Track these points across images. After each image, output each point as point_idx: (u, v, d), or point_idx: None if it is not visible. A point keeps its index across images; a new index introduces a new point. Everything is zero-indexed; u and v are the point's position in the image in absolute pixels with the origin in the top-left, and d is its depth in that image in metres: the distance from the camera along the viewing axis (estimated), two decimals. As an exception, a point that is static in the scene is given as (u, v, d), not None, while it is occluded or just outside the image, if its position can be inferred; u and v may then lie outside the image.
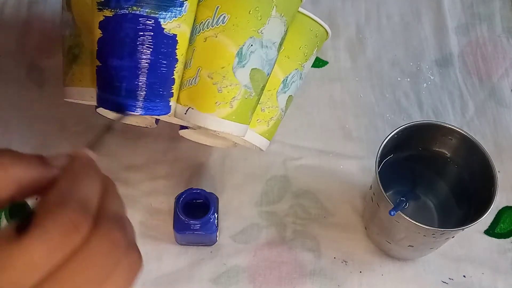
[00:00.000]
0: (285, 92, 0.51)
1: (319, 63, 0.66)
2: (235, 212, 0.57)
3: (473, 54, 0.67)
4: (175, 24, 0.43)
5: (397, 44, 0.68)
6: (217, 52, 0.45)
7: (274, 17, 0.46)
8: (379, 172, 0.47)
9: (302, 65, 0.52)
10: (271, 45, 0.47)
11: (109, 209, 0.29)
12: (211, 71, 0.45)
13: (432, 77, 0.66)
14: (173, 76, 0.45)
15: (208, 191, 0.53)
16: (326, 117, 0.63)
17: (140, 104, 0.44)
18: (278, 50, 0.48)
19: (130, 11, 0.42)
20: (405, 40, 0.68)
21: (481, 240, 0.57)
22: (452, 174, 0.53)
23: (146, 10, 0.42)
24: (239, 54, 0.45)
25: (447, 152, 0.53)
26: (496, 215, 0.58)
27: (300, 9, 0.49)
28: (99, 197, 0.29)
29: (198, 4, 0.45)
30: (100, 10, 0.43)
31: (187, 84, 0.46)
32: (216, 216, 0.53)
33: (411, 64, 0.67)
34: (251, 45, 0.45)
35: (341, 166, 0.60)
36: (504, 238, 0.57)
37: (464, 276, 0.55)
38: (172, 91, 0.46)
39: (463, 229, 0.46)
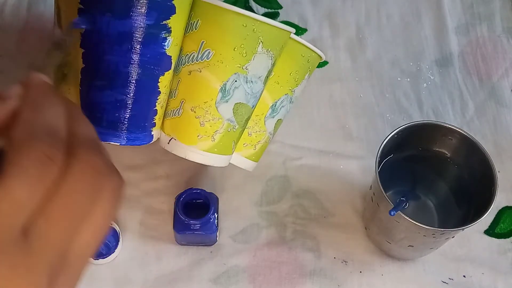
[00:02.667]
0: (273, 117, 0.51)
1: (319, 63, 0.66)
2: (235, 212, 0.57)
3: (473, 54, 0.67)
4: None
5: (397, 44, 0.68)
6: (201, 87, 0.45)
7: (260, 53, 0.45)
8: (379, 172, 0.47)
9: (292, 90, 0.51)
10: (257, 79, 0.46)
11: (80, 134, 0.28)
12: (194, 105, 0.45)
13: (432, 77, 0.66)
14: (155, 108, 0.45)
15: (208, 191, 0.53)
16: (326, 117, 0.63)
17: (121, 135, 0.44)
18: (265, 82, 0.48)
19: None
20: (405, 40, 0.68)
21: (481, 240, 0.57)
22: (452, 174, 0.53)
23: (128, 45, 0.42)
24: (223, 89, 0.45)
25: (447, 152, 0.53)
26: (496, 215, 0.58)
27: (292, 36, 0.48)
28: (67, 123, 0.28)
29: (184, 35, 0.45)
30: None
31: (171, 114, 0.46)
32: (216, 216, 0.53)
33: (411, 64, 0.67)
34: (235, 81, 0.45)
35: (341, 166, 0.60)
36: (504, 238, 0.57)
37: (464, 276, 0.55)
38: (154, 121, 0.46)
39: (463, 229, 0.46)
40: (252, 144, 0.51)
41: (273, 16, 0.69)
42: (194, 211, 0.53)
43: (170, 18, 0.43)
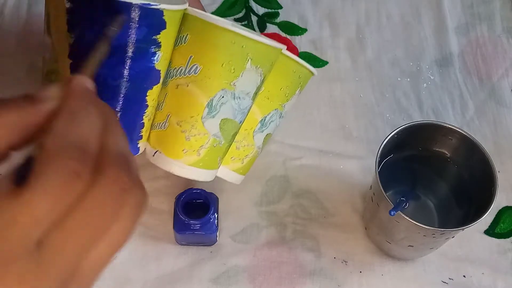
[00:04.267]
0: (262, 131, 0.51)
1: (319, 63, 0.66)
2: (235, 212, 0.57)
3: (473, 54, 0.67)
4: None
5: (397, 44, 0.68)
6: (187, 102, 0.45)
7: (248, 69, 0.45)
8: (379, 172, 0.47)
9: (283, 105, 0.51)
10: (245, 96, 0.46)
11: (111, 148, 0.28)
12: (180, 119, 0.45)
13: (432, 77, 0.66)
14: (142, 121, 0.45)
15: (208, 191, 0.53)
16: (326, 117, 0.63)
17: None
18: (254, 98, 0.47)
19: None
20: (405, 40, 0.68)
21: (481, 240, 0.57)
22: (452, 174, 0.53)
23: (117, 59, 0.41)
24: (209, 105, 0.45)
25: (447, 152, 0.53)
26: (496, 215, 0.58)
27: (284, 52, 0.48)
28: (100, 137, 0.28)
29: (174, 48, 0.45)
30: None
31: (157, 127, 0.46)
32: (216, 216, 0.53)
33: (411, 64, 0.67)
34: (222, 97, 0.45)
35: (341, 166, 0.60)
36: (504, 238, 0.57)
37: (464, 276, 0.55)
38: (141, 134, 0.46)
39: (463, 229, 0.46)
40: (240, 158, 0.51)
41: (273, 16, 0.69)
42: (194, 211, 0.53)
43: (160, 33, 0.42)
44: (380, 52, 0.67)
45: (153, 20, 0.41)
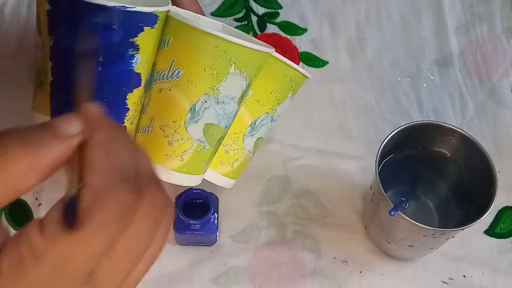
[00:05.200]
0: (252, 135, 0.50)
1: (319, 63, 0.66)
2: (235, 212, 0.57)
3: (473, 54, 0.67)
4: None
5: (397, 44, 0.68)
6: (170, 106, 0.44)
7: (232, 74, 0.44)
8: (379, 172, 0.47)
9: (274, 109, 0.50)
10: (229, 100, 0.45)
11: (145, 171, 0.29)
12: (163, 124, 0.44)
13: (432, 77, 0.66)
14: (124, 124, 0.44)
15: (208, 191, 0.53)
16: (326, 117, 0.63)
17: None
18: (240, 102, 0.47)
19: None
20: (405, 40, 0.68)
21: (481, 240, 0.57)
22: (452, 174, 0.53)
23: (93, 62, 0.41)
24: (192, 110, 0.44)
25: (447, 152, 0.53)
26: (496, 215, 0.58)
27: (274, 54, 0.47)
28: (134, 163, 0.28)
29: (158, 51, 0.44)
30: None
31: (142, 131, 0.46)
32: (216, 216, 0.53)
33: (411, 64, 0.67)
34: (206, 102, 0.44)
35: (341, 166, 0.60)
36: (504, 238, 0.57)
37: (464, 276, 0.55)
38: None
39: (463, 229, 0.46)
40: (229, 162, 0.50)
41: (273, 16, 0.69)
42: (194, 211, 0.53)
43: (137, 36, 0.41)
44: (380, 52, 0.67)
45: (129, 23, 0.40)
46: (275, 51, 0.48)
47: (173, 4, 0.45)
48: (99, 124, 0.29)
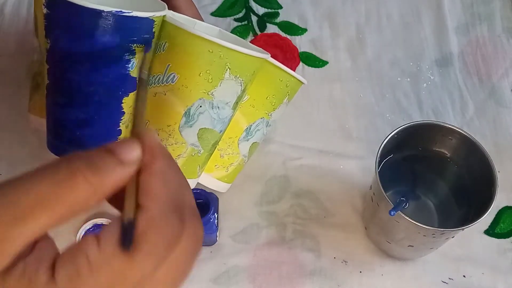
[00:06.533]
0: (247, 140, 0.50)
1: (319, 63, 0.66)
2: (235, 212, 0.57)
3: (473, 54, 0.67)
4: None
5: (397, 44, 0.68)
6: (164, 110, 0.44)
7: (227, 79, 0.44)
8: (379, 172, 0.47)
9: (269, 114, 0.50)
10: (224, 105, 0.45)
11: (188, 202, 0.30)
12: (157, 128, 0.45)
13: (432, 77, 0.66)
14: (119, 128, 0.44)
15: (208, 191, 0.53)
16: (326, 117, 0.63)
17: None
18: (235, 107, 0.47)
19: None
20: (405, 40, 0.68)
21: (481, 240, 0.57)
22: (452, 174, 0.53)
23: (90, 65, 0.41)
24: (187, 114, 0.44)
25: (447, 152, 0.53)
26: (496, 215, 0.58)
27: (269, 59, 0.47)
28: (181, 193, 0.30)
29: (154, 55, 0.44)
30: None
31: None
32: (216, 216, 0.53)
33: (411, 64, 0.67)
34: (200, 106, 0.44)
35: (341, 166, 0.60)
36: (504, 238, 0.57)
37: (464, 276, 0.55)
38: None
39: (463, 229, 0.46)
40: (224, 166, 0.50)
41: (273, 16, 0.69)
42: (194, 211, 0.52)
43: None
44: (380, 52, 0.67)
45: (126, 28, 0.41)
46: (275, 51, 0.48)
47: (171, 9, 0.45)
48: (158, 152, 0.30)
